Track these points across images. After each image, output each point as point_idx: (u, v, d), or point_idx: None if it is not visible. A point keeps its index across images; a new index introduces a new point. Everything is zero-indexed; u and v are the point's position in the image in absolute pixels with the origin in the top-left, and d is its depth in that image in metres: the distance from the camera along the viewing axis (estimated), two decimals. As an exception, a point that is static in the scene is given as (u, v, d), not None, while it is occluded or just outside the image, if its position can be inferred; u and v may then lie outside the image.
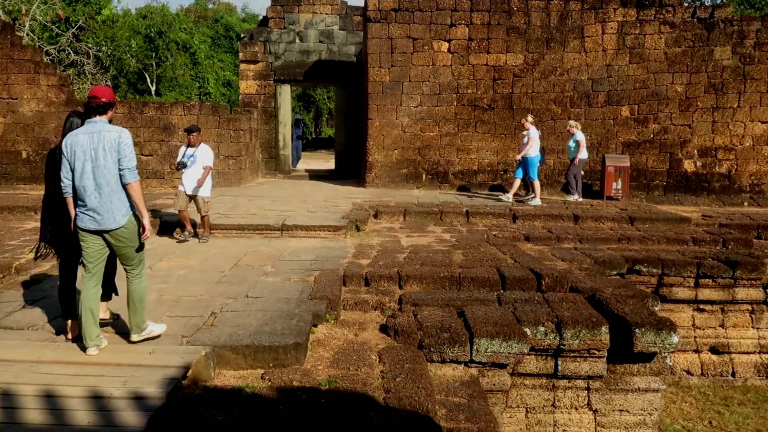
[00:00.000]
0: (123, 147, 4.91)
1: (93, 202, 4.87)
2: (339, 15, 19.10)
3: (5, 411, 4.03)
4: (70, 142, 4.92)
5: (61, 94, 16.43)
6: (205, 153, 9.82)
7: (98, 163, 4.85)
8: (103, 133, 4.90)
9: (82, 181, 4.88)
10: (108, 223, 4.90)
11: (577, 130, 14.04)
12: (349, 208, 12.23)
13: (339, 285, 7.13)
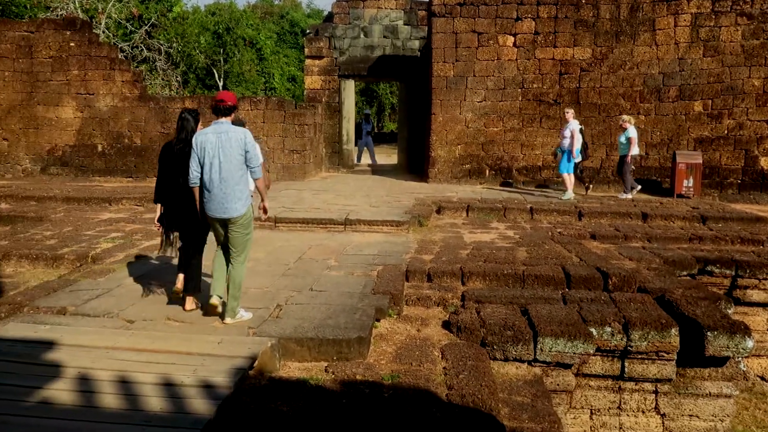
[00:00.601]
0: (249, 146, 5.57)
1: (219, 194, 5.52)
2: (404, 10, 19.09)
3: (83, 394, 4.21)
4: (201, 140, 5.57)
5: (134, 89, 16.99)
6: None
7: (225, 159, 5.49)
8: (229, 132, 5.54)
9: (211, 174, 5.51)
10: (231, 212, 5.55)
11: (630, 125, 13.65)
12: (411, 203, 12.24)
13: (402, 280, 7.16)
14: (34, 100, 17.03)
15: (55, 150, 17.17)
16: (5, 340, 5.17)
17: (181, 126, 6.02)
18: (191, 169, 5.60)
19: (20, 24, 17.54)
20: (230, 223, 5.59)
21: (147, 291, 6.63)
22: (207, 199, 5.59)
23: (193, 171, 5.59)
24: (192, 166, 5.59)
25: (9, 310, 6.05)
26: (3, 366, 4.64)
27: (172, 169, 5.98)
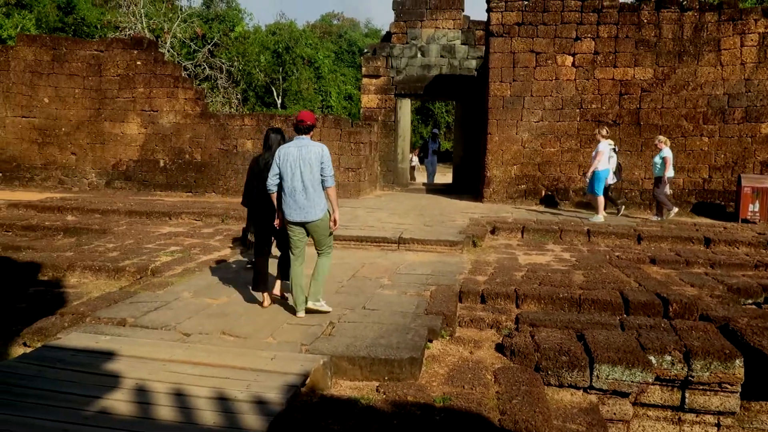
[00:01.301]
0: (325, 159, 6.28)
1: (301, 200, 6.25)
2: (461, 30, 19.13)
3: (140, 405, 4.30)
4: (283, 153, 6.34)
5: (196, 106, 17.45)
6: None
7: (305, 170, 6.23)
8: (309, 147, 6.30)
9: (293, 183, 6.25)
10: (310, 216, 6.27)
11: (665, 146, 13.28)
12: (465, 223, 12.16)
13: (455, 301, 7.10)
14: (102, 116, 17.67)
15: (119, 165, 17.75)
16: (68, 349, 5.33)
17: (268, 142, 7.05)
18: (270, 177, 6.37)
19: (91, 43, 18.27)
20: (310, 227, 6.35)
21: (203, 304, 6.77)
22: (287, 206, 6.31)
23: (271, 179, 6.36)
24: (270, 174, 6.36)
25: (72, 320, 6.25)
26: (66, 375, 4.78)
27: (258, 179, 6.89)
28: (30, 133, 17.94)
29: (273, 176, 6.35)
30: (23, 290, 8.10)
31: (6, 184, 17.91)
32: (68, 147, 17.88)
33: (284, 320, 6.30)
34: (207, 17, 38.33)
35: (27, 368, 4.91)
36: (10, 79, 17.79)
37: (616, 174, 13.64)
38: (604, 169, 12.99)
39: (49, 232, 11.45)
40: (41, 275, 8.72)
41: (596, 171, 12.98)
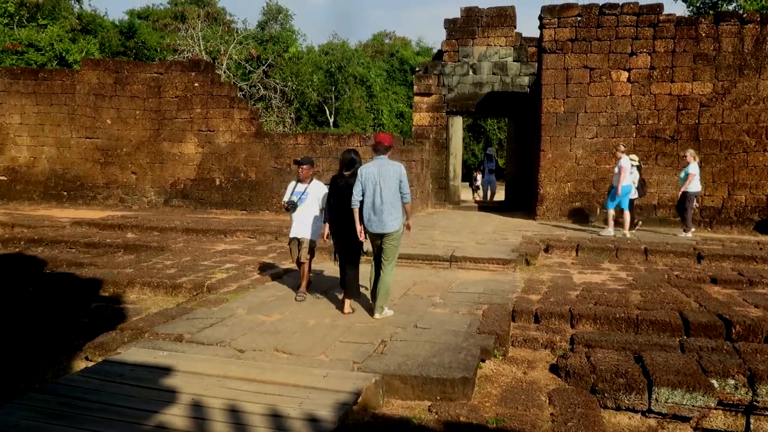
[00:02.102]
0: (403, 177, 7.00)
1: (379, 215, 6.94)
2: (513, 46, 19.05)
3: (196, 421, 4.37)
4: (365, 171, 7.02)
5: (251, 126, 17.81)
6: (320, 189, 8.16)
7: (385, 187, 6.92)
8: (387, 166, 7.00)
9: (373, 199, 6.94)
10: (388, 228, 6.96)
11: (693, 161, 13.09)
12: (518, 241, 12.03)
13: (508, 320, 7.02)
14: (161, 136, 18.20)
15: (177, 183, 18.21)
16: (128, 364, 5.47)
17: (347, 162, 7.56)
18: (354, 193, 7.02)
19: (151, 66, 18.88)
20: (386, 238, 7.01)
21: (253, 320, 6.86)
22: (368, 219, 7.00)
23: (355, 195, 7.01)
24: (355, 191, 7.01)
25: (131, 335, 6.42)
26: (125, 389, 4.90)
27: (338, 196, 7.47)
28: (93, 154, 18.60)
29: (357, 193, 7.01)
30: (86, 305, 8.36)
31: (71, 202, 18.58)
32: (129, 166, 18.45)
33: (336, 338, 6.33)
34: (262, 39, 39.17)
35: (89, 382, 5.06)
36: (75, 101, 18.52)
37: (638, 189, 13.61)
38: (625, 185, 12.97)
39: (110, 249, 11.81)
40: (102, 291, 8.99)
41: (613, 186, 13.09)
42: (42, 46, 28.40)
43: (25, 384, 5.77)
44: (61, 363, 6.29)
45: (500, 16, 19.06)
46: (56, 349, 6.63)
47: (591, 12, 15.16)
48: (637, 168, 13.42)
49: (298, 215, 8.12)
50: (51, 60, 28.43)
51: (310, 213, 8.13)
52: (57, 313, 7.94)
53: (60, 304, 8.42)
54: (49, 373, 6.01)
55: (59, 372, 6.00)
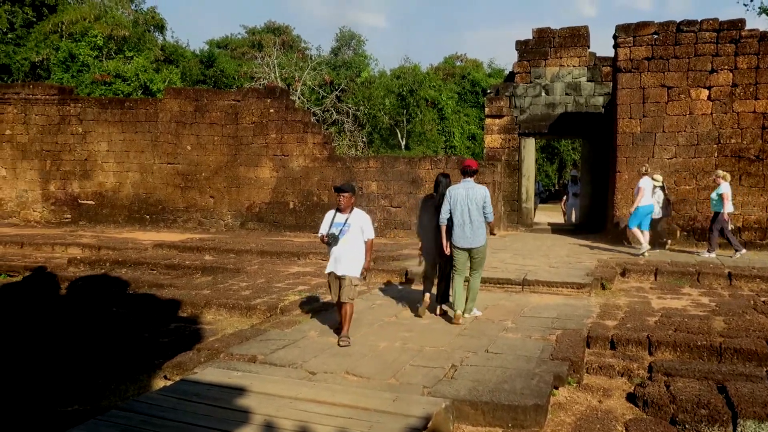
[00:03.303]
0: (487, 199, 7.94)
1: (467, 231, 7.91)
2: (587, 66, 18.74)
3: (268, 441, 4.45)
4: (453, 193, 8.00)
5: (324, 150, 18.14)
6: (362, 220, 7.42)
7: (472, 207, 7.88)
8: (474, 188, 7.99)
9: (462, 218, 7.90)
10: (475, 244, 7.95)
11: (724, 182, 12.69)
12: (593, 264, 11.74)
13: (582, 346, 6.84)
14: (237, 161, 18.77)
15: (252, 207, 18.70)
16: (204, 383, 5.62)
17: (439, 185, 8.42)
18: (442, 212, 7.97)
19: (228, 94, 19.56)
20: (473, 251, 7.98)
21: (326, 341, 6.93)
22: (457, 235, 7.94)
23: (443, 214, 7.95)
24: (443, 210, 7.96)
25: (207, 356, 6.60)
26: (201, 408, 5.04)
27: (429, 215, 8.33)
28: (174, 179, 19.34)
29: (445, 212, 7.95)
30: (165, 325, 8.67)
31: (153, 225, 19.34)
32: (207, 191, 19.09)
33: (406, 361, 6.32)
34: (335, 64, 39.96)
35: (166, 400, 5.23)
36: (158, 129, 19.35)
37: (663, 209, 13.67)
38: (644, 204, 13.09)
39: (189, 271, 12.21)
40: (181, 311, 9.29)
41: (639, 206, 13.12)
42: (128, 77, 29.82)
43: (108, 401, 6.02)
44: (141, 381, 6.53)
45: (573, 36, 18.81)
46: (137, 367, 6.88)
47: (668, 29, 14.77)
48: (660, 188, 13.54)
49: (339, 249, 7.27)
50: (136, 90, 29.82)
51: (352, 246, 7.28)
52: (138, 333, 8.25)
53: (141, 323, 8.76)
54: (131, 391, 6.25)
55: (140, 390, 6.22)
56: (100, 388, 6.48)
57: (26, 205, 20.49)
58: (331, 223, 7.35)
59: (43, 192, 20.36)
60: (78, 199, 20.19)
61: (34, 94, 20.30)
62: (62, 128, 20.15)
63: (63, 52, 30.30)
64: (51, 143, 20.22)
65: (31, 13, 32.66)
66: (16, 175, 20.50)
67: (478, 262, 8.12)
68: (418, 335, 7.39)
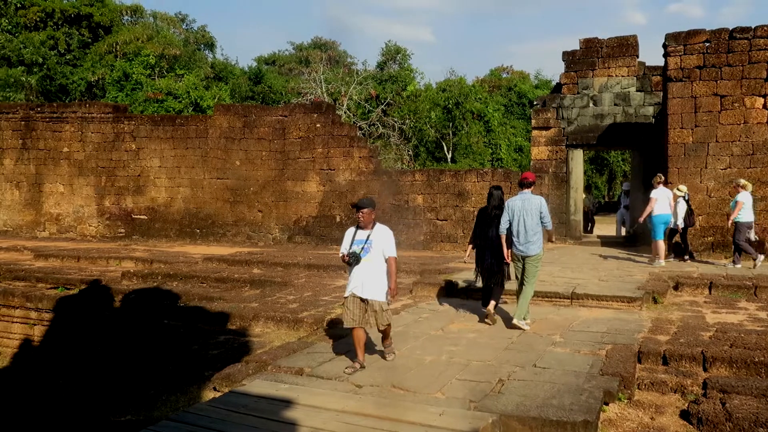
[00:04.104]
0: (543, 209, 8.26)
1: (523, 240, 8.24)
2: (636, 76, 18.44)
3: (314, 454, 4.47)
4: (511, 204, 8.34)
5: (369, 164, 18.25)
6: (384, 237, 6.85)
7: (528, 218, 8.20)
8: (531, 200, 8.30)
9: (518, 228, 8.24)
10: (531, 252, 8.26)
11: (743, 191, 12.57)
12: (645, 278, 11.49)
13: (633, 362, 6.69)
14: (285, 176, 19.02)
15: (300, 220, 18.90)
16: (252, 395, 5.69)
17: (492, 197, 8.85)
18: (502, 222, 8.33)
19: (276, 109, 19.88)
20: (528, 260, 8.26)
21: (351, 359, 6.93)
22: (514, 244, 8.30)
23: (503, 224, 8.33)
24: (502, 221, 8.33)
25: (255, 368, 6.68)
26: (249, 420, 5.11)
27: (485, 225, 8.76)
28: (223, 193, 19.70)
29: (504, 222, 8.31)
30: (214, 337, 8.81)
31: (203, 239, 19.71)
32: (255, 205, 19.38)
33: (453, 375, 6.29)
34: (381, 79, 40.22)
35: (216, 412, 5.31)
36: (208, 144, 19.76)
37: (686, 219, 13.60)
38: (658, 214, 13.19)
39: (237, 284, 12.40)
40: (230, 324, 9.44)
41: (652, 216, 13.27)
42: (179, 94, 30.62)
43: (159, 412, 6.14)
44: (191, 392, 6.65)
45: (621, 46, 18.54)
46: (187, 378, 7.02)
47: (720, 37, 14.43)
48: (684, 199, 13.53)
49: (361, 269, 6.71)
50: (187, 107, 30.58)
51: (377, 266, 6.73)
52: (189, 345, 8.41)
53: (192, 336, 8.92)
54: (181, 402, 6.37)
55: (190, 401, 6.34)
56: (152, 399, 6.63)
57: (83, 220, 21.14)
58: (352, 241, 6.85)
59: (99, 207, 20.98)
60: (131, 213, 20.74)
61: (90, 113, 20.99)
62: (116, 145, 20.76)
63: (117, 72, 31.31)
64: (106, 160, 20.84)
65: (87, 35, 33.85)
66: (74, 191, 21.18)
67: (531, 271, 8.34)
68: (464, 349, 7.33)
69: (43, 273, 13.85)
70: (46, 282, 13.31)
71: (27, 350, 11.90)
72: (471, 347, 7.43)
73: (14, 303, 12.30)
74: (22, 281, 13.55)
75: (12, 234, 21.50)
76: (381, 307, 6.70)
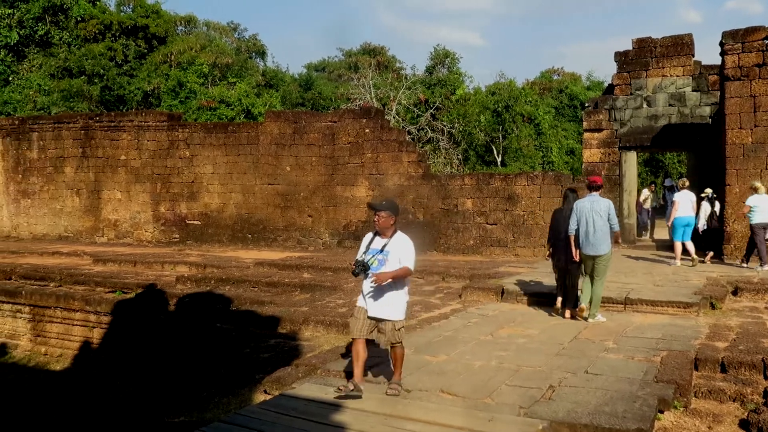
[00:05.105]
0: (611, 210, 8.75)
1: (592, 240, 8.70)
2: (692, 76, 17.96)
3: (362, 458, 4.49)
4: (580, 206, 8.84)
5: (418, 168, 18.24)
6: (403, 247, 6.06)
7: (597, 219, 8.67)
8: (599, 202, 8.81)
9: (587, 228, 8.70)
10: (600, 251, 8.72)
11: (756, 194, 12.69)
12: (702, 282, 11.17)
13: (689, 369, 6.51)
14: (334, 181, 19.17)
15: (349, 225, 19.01)
16: (301, 398, 5.75)
17: (567, 199, 9.35)
18: (570, 223, 8.84)
19: (325, 115, 20.06)
20: (597, 259, 8.75)
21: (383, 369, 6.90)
22: (583, 244, 8.77)
23: (572, 225, 8.83)
24: (571, 222, 8.83)
25: (305, 372, 6.75)
26: (298, 423, 5.16)
27: (559, 226, 9.18)
28: (274, 199, 19.96)
29: (573, 223, 8.82)
30: (265, 341, 8.94)
31: (254, 244, 20.01)
32: (305, 210, 19.58)
33: (503, 381, 6.23)
34: (429, 83, 40.16)
35: (266, 414, 5.39)
36: (259, 151, 20.07)
37: (708, 221, 14.07)
38: (678, 217, 13.63)
39: (288, 288, 12.54)
40: (280, 328, 9.56)
41: (673, 219, 13.73)
42: (231, 102, 31.19)
43: (211, 413, 6.26)
44: (242, 395, 6.76)
45: (676, 45, 18.09)
46: (239, 381, 7.14)
47: (780, 34, 13.95)
48: (708, 200, 14.02)
49: (372, 284, 5.94)
50: (239, 114, 31.12)
51: (396, 283, 5.95)
52: (240, 348, 8.55)
53: (243, 339, 9.07)
54: (233, 404, 6.48)
55: (241, 403, 6.44)
56: (204, 401, 6.76)
57: (139, 226, 21.71)
58: (367, 248, 6.07)
59: (154, 213, 21.51)
60: (185, 219, 21.20)
61: (146, 121, 21.57)
62: (171, 152, 21.27)
63: (172, 81, 32.10)
64: (161, 167, 21.37)
65: (143, 46, 34.80)
66: (130, 197, 21.78)
67: (600, 269, 8.80)
68: (514, 354, 7.26)
69: (102, 277, 14.27)
70: (104, 286, 13.71)
71: (86, 352, 12.29)
72: (521, 353, 7.34)
73: (74, 306, 12.72)
74: (82, 285, 13.99)
75: (73, 239, 22.23)
76: (393, 327, 5.92)
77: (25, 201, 23.42)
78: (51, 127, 22.91)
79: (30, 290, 13.69)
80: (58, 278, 14.50)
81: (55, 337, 13.08)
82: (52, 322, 13.14)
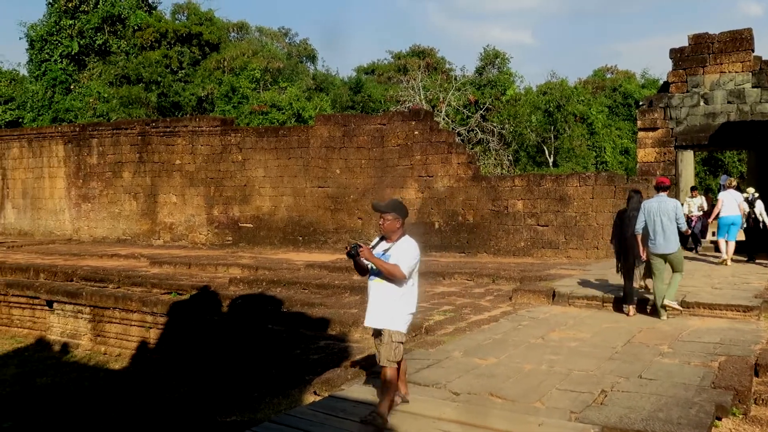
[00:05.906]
0: (678, 210, 9.02)
1: (660, 240, 9.01)
2: (751, 72, 17.38)
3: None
4: (647, 206, 9.13)
5: (468, 170, 18.14)
6: (403, 251, 5.64)
7: (664, 219, 8.94)
8: (666, 202, 9.12)
9: (654, 227, 9.01)
10: (669, 250, 9.04)
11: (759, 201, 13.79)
12: (763, 285, 10.79)
13: (749, 374, 6.30)
14: (384, 183, 19.22)
15: (399, 227, 19.01)
16: (350, 400, 5.79)
17: (632, 200, 9.58)
18: (637, 223, 9.11)
19: (375, 118, 20.15)
20: (669, 256, 9.06)
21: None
22: (652, 243, 9.08)
23: (639, 224, 9.11)
24: (638, 221, 9.10)
25: (354, 373, 6.79)
26: (346, 424, 5.19)
27: (624, 225, 9.48)
28: (324, 201, 20.15)
29: (640, 222, 9.08)
30: (315, 342, 9.03)
31: (305, 246, 20.23)
32: (355, 212, 19.69)
33: (553, 385, 6.14)
34: (479, 84, 39.91)
35: (315, 415, 5.44)
36: (309, 154, 20.29)
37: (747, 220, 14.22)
38: (723, 216, 13.97)
39: (338, 290, 12.63)
40: (330, 329, 9.64)
41: (718, 218, 14.09)
42: (282, 106, 31.64)
43: (262, 413, 6.36)
44: (293, 395, 6.84)
45: (734, 41, 17.53)
46: (289, 382, 7.22)
47: None
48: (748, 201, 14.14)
49: (377, 290, 5.52)
50: (290, 118, 31.54)
51: (391, 288, 5.48)
52: (291, 349, 8.66)
53: (294, 340, 9.18)
54: (283, 405, 6.56)
55: (291, 404, 6.51)
56: (255, 401, 6.87)
57: (193, 229, 22.20)
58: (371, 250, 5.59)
59: (208, 216, 21.97)
60: (238, 222, 21.58)
61: (200, 126, 22.06)
62: (224, 156, 21.69)
63: (225, 86, 32.75)
64: (214, 171, 21.81)
65: (198, 52, 35.61)
66: (185, 201, 22.30)
67: (676, 265, 9.11)
68: (565, 358, 7.14)
69: (158, 279, 14.64)
70: (160, 287, 14.07)
71: (143, 352, 12.64)
72: (572, 356, 7.23)
73: (132, 307, 13.09)
74: (139, 287, 14.39)
75: (130, 242, 22.88)
76: (390, 338, 5.27)
77: (85, 205, 24.23)
78: (110, 133, 23.67)
79: (90, 291, 14.14)
80: (117, 280, 14.94)
81: (114, 337, 13.49)
82: (111, 323, 13.56)
